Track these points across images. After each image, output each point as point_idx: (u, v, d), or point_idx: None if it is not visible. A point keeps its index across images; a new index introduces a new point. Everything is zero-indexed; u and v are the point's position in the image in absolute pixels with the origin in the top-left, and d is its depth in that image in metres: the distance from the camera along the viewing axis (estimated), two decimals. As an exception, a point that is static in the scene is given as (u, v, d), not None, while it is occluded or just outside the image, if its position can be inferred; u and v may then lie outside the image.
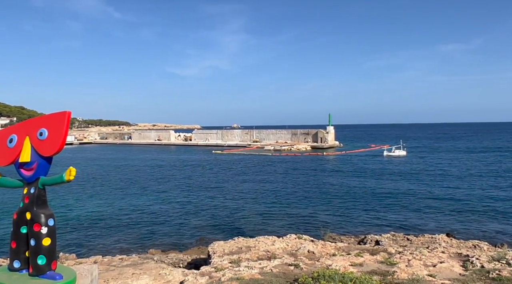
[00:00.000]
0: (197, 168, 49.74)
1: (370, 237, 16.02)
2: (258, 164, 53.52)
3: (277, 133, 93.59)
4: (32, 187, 4.16)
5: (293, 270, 8.01)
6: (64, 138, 3.98)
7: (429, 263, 8.39)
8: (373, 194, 29.98)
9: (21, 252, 4.16)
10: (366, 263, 8.49)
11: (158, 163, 56.83)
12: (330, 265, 8.16)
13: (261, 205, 26.50)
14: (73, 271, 4.31)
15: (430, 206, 25.52)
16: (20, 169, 4.21)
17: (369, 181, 36.91)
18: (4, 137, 4.36)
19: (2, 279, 4.04)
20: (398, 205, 25.86)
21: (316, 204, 26.65)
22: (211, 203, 27.33)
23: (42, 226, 4.00)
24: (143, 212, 24.82)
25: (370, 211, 24.25)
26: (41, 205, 4.15)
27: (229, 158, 63.84)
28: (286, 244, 11.38)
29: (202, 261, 12.12)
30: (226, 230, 20.27)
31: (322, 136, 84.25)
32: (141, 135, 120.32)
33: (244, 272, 7.68)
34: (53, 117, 4.10)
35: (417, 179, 37.78)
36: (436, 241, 14.11)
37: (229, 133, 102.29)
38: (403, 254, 9.49)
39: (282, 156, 66.95)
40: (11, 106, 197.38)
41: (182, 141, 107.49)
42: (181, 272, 8.56)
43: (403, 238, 15.80)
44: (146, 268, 8.75)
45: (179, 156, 69.33)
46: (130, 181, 38.90)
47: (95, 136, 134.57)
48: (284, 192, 31.59)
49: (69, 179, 3.93)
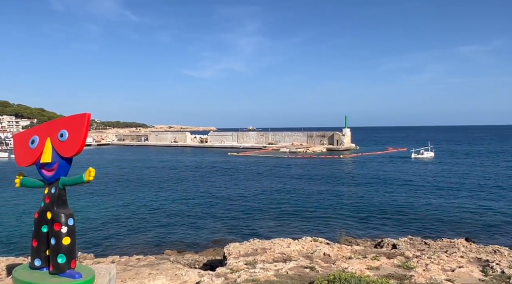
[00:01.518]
0: (212, 170, 49.96)
1: (387, 241, 15.83)
2: (273, 166, 53.46)
3: (293, 135, 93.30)
4: (53, 187, 4.26)
5: (308, 272, 7.98)
6: (84, 140, 4.06)
7: (447, 267, 8.25)
8: (391, 197, 29.60)
9: (42, 251, 4.26)
10: (382, 267, 8.40)
11: (174, 165, 57.29)
12: (346, 268, 8.10)
13: (277, 207, 26.45)
14: (92, 270, 4.39)
15: (450, 210, 25.04)
16: (42, 170, 4.31)
17: (388, 183, 36.48)
18: (26, 138, 4.48)
19: (23, 277, 4.14)
20: (417, 208, 25.46)
21: (332, 206, 26.46)
22: (226, 205, 27.41)
23: (62, 226, 4.10)
24: (160, 213, 25.05)
25: (387, 214, 23.94)
26: (62, 205, 4.24)
27: (245, 160, 63.93)
28: (302, 246, 11.33)
29: (217, 262, 12.16)
30: (241, 232, 20.30)
31: (338, 138, 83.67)
32: (158, 136, 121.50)
33: (259, 274, 7.69)
34: (73, 119, 4.18)
35: (442, 182, 37.12)
36: (454, 246, 13.84)
37: (245, 135, 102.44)
38: (420, 258, 9.35)
39: (297, 158, 66.71)
40: (32, 108, 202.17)
41: (198, 143, 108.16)
42: (197, 273, 8.60)
43: (420, 242, 15.56)
44: (162, 269, 8.82)
45: (195, 158, 69.77)
46: (147, 182, 39.31)
47: (112, 138, 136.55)
48: (299, 194, 31.46)
49: (88, 179, 4.02)
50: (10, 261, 8.98)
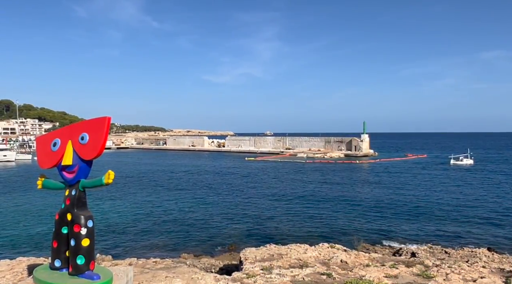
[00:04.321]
0: (230, 175, 50.09)
1: (405, 249, 15.56)
2: (291, 172, 53.26)
3: (310, 141, 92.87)
4: (73, 189, 4.34)
5: (325, 279, 7.89)
6: (104, 143, 4.13)
7: (468, 277, 8.04)
8: (411, 203, 29.09)
9: (62, 252, 4.34)
10: (401, 275, 8.24)
11: (192, 169, 57.69)
12: (363, 276, 7.98)
13: (294, 212, 26.31)
14: (109, 272, 4.45)
15: (475, 218, 24.41)
16: (63, 172, 4.41)
17: (410, 190, 35.90)
18: (48, 141, 4.58)
19: (43, 277, 4.22)
20: (438, 216, 24.92)
21: (350, 212, 26.16)
22: (243, 209, 27.42)
23: (82, 227, 4.17)
24: (177, 217, 25.23)
25: (407, 222, 23.54)
26: (81, 206, 4.32)
27: (262, 165, 63.90)
28: (319, 252, 11.22)
29: (233, 267, 12.15)
30: (257, 237, 20.25)
31: (356, 144, 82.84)
32: (176, 141, 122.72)
33: (275, 280, 7.64)
34: (94, 122, 4.27)
35: (473, 189, 36.29)
36: (476, 255, 13.49)
37: (262, 140, 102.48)
38: (440, 267, 9.14)
39: (315, 163, 66.33)
40: (54, 112, 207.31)
41: (215, 148, 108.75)
42: (213, 277, 8.61)
43: (440, 250, 15.23)
44: (179, 272, 8.87)
45: (212, 162, 70.11)
46: (165, 186, 39.69)
47: (132, 141, 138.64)
48: (317, 199, 31.23)
49: (108, 182, 4.09)
50: (31, 261, 9.17)
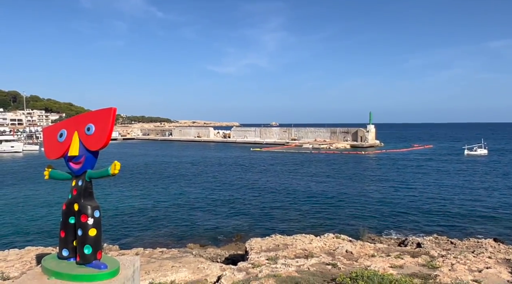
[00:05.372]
0: (235, 165, 50.20)
1: (411, 239, 15.55)
2: (296, 162, 53.25)
3: (316, 132, 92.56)
4: (80, 179, 4.37)
5: (330, 269, 7.93)
6: (109, 133, 4.14)
7: (474, 268, 8.04)
8: (417, 194, 29.02)
9: (69, 242, 4.38)
10: (406, 266, 8.26)
11: (198, 160, 57.87)
12: (368, 266, 8.01)
13: (299, 203, 26.37)
14: (117, 262, 4.49)
15: (484, 209, 24.31)
16: (69, 163, 4.43)
17: (415, 181, 35.78)
18: (55, 132, 4.60)
19: (51, 266, 4.27)
20: (445, 207, 24.86)
21: (355, 203, 26.16)
22: (249, 200, 27.52)
23: (89, 217, 4.20)
24: (183, 207, 25.39)
25: (413, 212, 23.49)
26: (88, 197, 4.35)
27: (268, 156, 63.93)
28: (324, 243, 11.27)
29: (239, 257, 12.24)
30: (263, 227, 20.34)
31: (362, 134, 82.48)
32: (181, 132, 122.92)
33: (281, 269, 7.69)
34: (100, 113, 4.27)
35: (484, 180, 36.06)
36: (482, 246, 13.45)
37: (268, 130, 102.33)
38: (446, 257, 9.14)
39: (321, 154, 66.23)
40: (61, 103, 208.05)
41: (221, 138, 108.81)
42: (218, 267, 8.69)
43: (446, 241, 15.20)
44: (185, 262, 8.95)
45: (218, 153, 70.25)
46: (171, 177, 39.89)
47: (137, 132, 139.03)
48: (322, 190, 31.25)
49: (114, 173, 4.10)
50: (39, 251, 9.28)
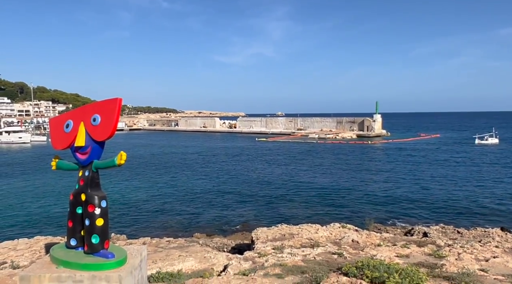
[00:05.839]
0: (241, 155, 50.28)
1: (417, 229, 15.54)
2: (302, 152, 53.21)
3: (322, 121, 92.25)
4: (87, 170, 4.40)
5: (336, 258, 7.95)
6: (115, 124, 4.15)
7: (481, 257, 8.02)
8: (424, 184, 28.90)
9: (77, 231, 4.44)
10: (413, 255, 8.26)
11: (204, 150, 58.02)
12: (374, 255, 8.02)
13: (305, 192, 26.39)
14: (124, 251, 4.54)
15: (492, 198, 24.16)
16: (76, 153, 4.46)
17: (424, 170, 35.64)
18: (61, 123, 4.62)
19: (60, 255, 4.33)
20: (452, 197, 24.77)
21: (361, 193, 26.14)
22: (255, 190, 27.60)
23: (96, 207, 4.24)
24: (190, 197, 25.53)
25: (419, 202, 23.44)
26: (95, 187, 4.38)
27: (274, 146, 63.92)
28: (330, 232, 11.30)
29: (245, 246, 12.31)
30: (269, 217, 20.42)
31: (369, 124, 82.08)
32: (187, 122, 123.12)
33: (287, 259, 7.72)
34: (105, 104, 4.27)
35: (498, 169, 35.87)
36: (489, 235, 13.42)
37: (273, 120, 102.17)
38: (452, 247, 9.13)
39: (327, 144, 66.07)
40: (67, 94, 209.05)
41: (227, 128, 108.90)
42: (225, 256, 8.75)
43: (453, 230, 15.18)
44: (191, 251, 9.02)
45: (224, 143, 70.35)
46: (177, 167, 40.07)
47: (144, 123, 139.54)
48: (328, 180, 31.25)
49: (120, 163, 4.12)
50: (48, 240, 9.40)
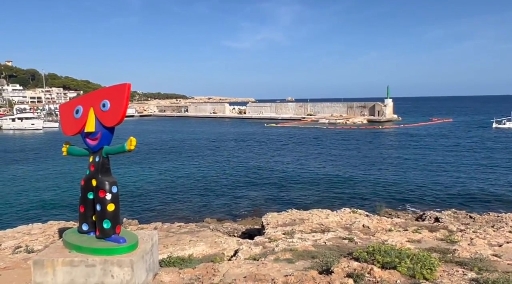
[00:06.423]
0: (251, 141, 50.30)
1: (429, 214, 15.43)
2: (312, 137, 53.02)
3: (332, 106, 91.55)
4: (97, 155, 4.41)
5: (347, 244, 7.93)
6: (125, 109, 4.13)
7: (494, 242, 7.93)
8: (436, 169, 28.66)
9: (88, 216, 4.48)
10: (424, 240, 8.20)
11: (214, 136, 58.15)
12: (386, 240, 7.98)
13: (315, 177, 26.36)
14: (135, 236, 4.57)
15: (503, 184, 23.88)
16: (86, 139, 4.46)
17: (434, 154, 35.30)
18: (71, 109, 4.62)
19: (72, 240, 4.38)
20: (464, 182, 24.54)
21: (372, 178, 26.02)
22: (265, 175, 27.65)
23: (107, 193, 4.26)
24: (200, 182, 25.70)
25: (430, 187, 23.27)
26: (105, 173, 4.40)
27: (283, 131, 63.77)
28: (340, 217, 11.28)
29: (256, 231, 12.37)
30: (279, 202, 20.48)
31: (380, 109, 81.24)
32: (197, 108, 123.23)
33: (297, 244, 7.73)
34: (114, 89, 4.26)
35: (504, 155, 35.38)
36: (502, 220, 13.26)
37: (283, 106, 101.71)
38: (465, 232, 9.05)
39: (337, 129, 65.72)
40: (78, 80, 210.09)
41: (236, 114, 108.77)
42: (235, 241, 8.79)
43: (465, 215, 15.04)
44: (202, 236, 9.08)
45: (234, 129, 70.39)
46: (187, 152, 40.27)
47: (154, 109, 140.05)
48: (338, 165, 31.14)
49: (130, 148, 4.12)
50: (61, 225, 9.54)
